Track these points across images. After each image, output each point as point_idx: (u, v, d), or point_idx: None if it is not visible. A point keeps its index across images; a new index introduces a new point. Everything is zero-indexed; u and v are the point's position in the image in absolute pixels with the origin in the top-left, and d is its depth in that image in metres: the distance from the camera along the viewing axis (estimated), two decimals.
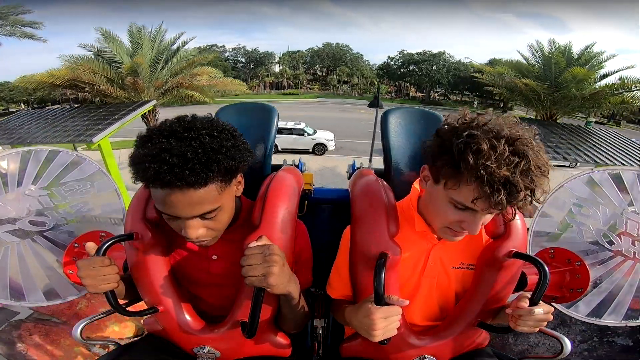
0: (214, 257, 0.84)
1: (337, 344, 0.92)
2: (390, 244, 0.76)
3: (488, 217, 0.68)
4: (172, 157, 0.57)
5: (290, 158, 1.36)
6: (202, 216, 0.67)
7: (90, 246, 0.76)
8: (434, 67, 44.35)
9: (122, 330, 1.81)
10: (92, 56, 8.45)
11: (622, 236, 1.05)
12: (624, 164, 6.40)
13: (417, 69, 45.76)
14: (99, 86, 7.91)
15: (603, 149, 7.09)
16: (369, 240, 0.78)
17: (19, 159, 1.08)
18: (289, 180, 0.92)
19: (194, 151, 0.59)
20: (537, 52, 9.70)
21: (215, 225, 0.72)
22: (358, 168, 1.27)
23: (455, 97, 48.50)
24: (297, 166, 1.29)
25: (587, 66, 8.78)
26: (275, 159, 1.19)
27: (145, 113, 8.67)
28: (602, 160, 6.53)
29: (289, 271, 0.74)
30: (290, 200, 0.86)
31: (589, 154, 6.74)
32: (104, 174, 1.15)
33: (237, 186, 0.75)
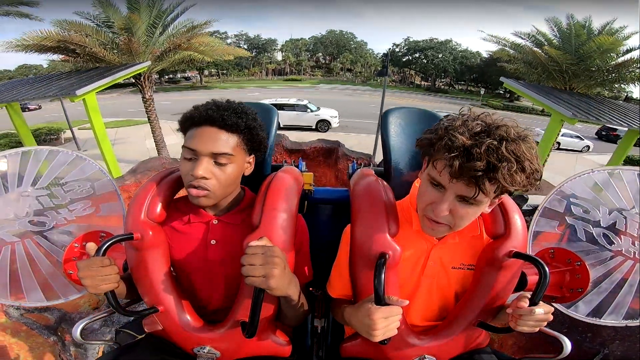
0: (213, 241, 0.86)
1: (337, 344, 0.92)
2: (391, 243, 0.76)
3: (462, 209, 0.66)
4: (221, 103, 0.83)
5: (292, 135, 1.35)
6: (216, 160, 0.78)
7: (91, 246, 0.76)
8: (440, 55, 43.65)
9: (75, 301, 1.76)
10: (86, 21, 8.08)
11: (622, 236, 1.05)
12: None
13: (422, 57, 45.05)
14: (91, 49, 7.51)
15: (633, 117, 6.97)
16: (369, 240, 0.78)
17: (19, 159, 1.08)
18: (289, 180, 0.92)
19: (236, 105, 0.84)
20: (555, 26, 9.24)
21: (221, 175, 0.79)
22: (358, 168, 1.27)
23: (460, 87, 48.09)
24: (297, 166, 1.29)
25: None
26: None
27: (141, 82, 8.43)
28: (636, 124, 6.46)
29: (290, 273, 0.75)
30: (290, 200, 0.86)
31: (621, 119, 6.62)
32: (104, 174, 1.15)
33: (248, 164, 0.88)
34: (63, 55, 8.39)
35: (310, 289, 1.03)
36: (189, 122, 0.80)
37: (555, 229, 1.10)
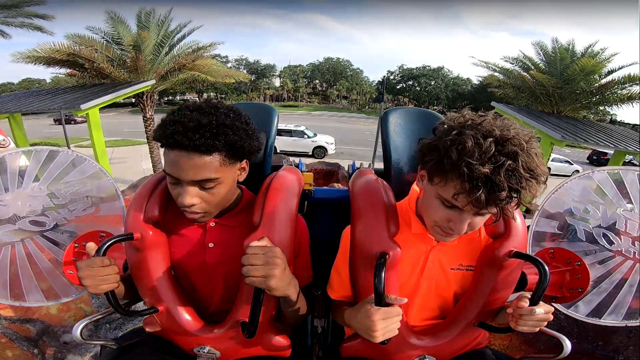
0: (211, 244, 0.85)
1: (337, 344, 0.91)
2: (390, 243, 0.76)
3: (478, 220, 0.67)
4: (190, 122, 0.67)
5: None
6: (201, 185, 0.72)
7: (91, 246, 0.76)
8: (433, 82, 44.40)
9: (60, 314, 1.77)
10: (97, 37, 8.25)
11: (622, 236, 1.05)
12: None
13: (416, 84, 45.86)
14: (99, 64, 7.62)
15: (619, 139, 7.10)
16: (369, 240, 0.78)
17: (19, 159, 1.08)
18: (289, 180, 0.92)
19: (209, 122, 0.68)
20: (541, 50, 9.53)
21: (211, 198, 0.75)
22: (358, 168, 1.27)
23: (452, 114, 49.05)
24: (297, 166, 1.29)
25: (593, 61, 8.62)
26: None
27: (143, 101, 8.51)
28: (622, 146, 6.59)
29: (290, 275, 0.75)
30: (290, 200, 0.86)
31: (608, 141, 6.75)
32: (104, 173, 1.15)
33: (240, 171, 0.81)
34: (70, 70, 8.49)
35: (312, 289, 1.03)
36: (162, 143, 0.71)
37: (555, 229, 1.10)
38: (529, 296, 0.70)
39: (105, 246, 0.72)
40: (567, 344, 0.82)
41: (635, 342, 1.39)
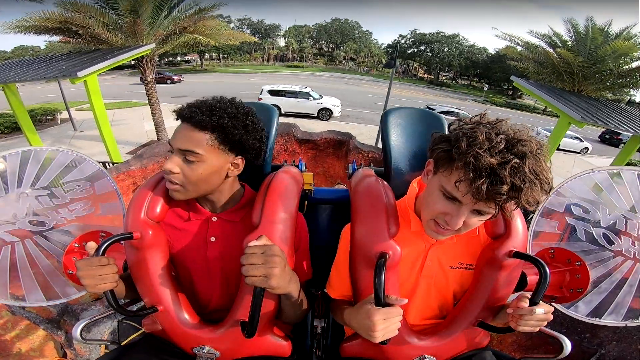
0: (212, 239, 0.86)
1: (337, 344, 0.92)
2: (391, 243, 0.76)
3: (474, 220, 0.67)
4: (201, 103, 0.80)
5: (293, 122, 1.35)
6: (185, 155, 0.78)
7: (91, 246, 0.76)
8: (446, 49, 43.48)
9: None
10: (91, 2, 7.80)
11: (622, 236, 1.05)
12: None
13: (428, 50, 44.95)
14: (94, 30, 7.37)
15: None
16: (369, 240, 0.78)
17: (19, 159, 1.08)
18: (289, 180, 0.92)
19: (212, 104, 0.80)
20: (571, 27, 9.29)
21: (190, 173, 0.78)
22: (358, 168, 1.27)
23: (463, 82, 47.78)
24: (297, 166, 1.29)
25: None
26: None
27: (142, 65, 8.31)
28: None
29: (290, 272, 0.75)
30: (290, 200, 0.86)
31: (630, 125, 6.53)
32: (104, 173, 1.15)
33: (233, 165, 0.83)
34: (63, 37, 8.24)
35: (312, 289, 1.03)
36: (181, 112, 0.82)
37: (555, 229, 1.10)
38: (529, 296, 0.70)
39: (104, 245, 0.72)
40: (567, 344, 0.82)
41: (619, 338, 1.42)
